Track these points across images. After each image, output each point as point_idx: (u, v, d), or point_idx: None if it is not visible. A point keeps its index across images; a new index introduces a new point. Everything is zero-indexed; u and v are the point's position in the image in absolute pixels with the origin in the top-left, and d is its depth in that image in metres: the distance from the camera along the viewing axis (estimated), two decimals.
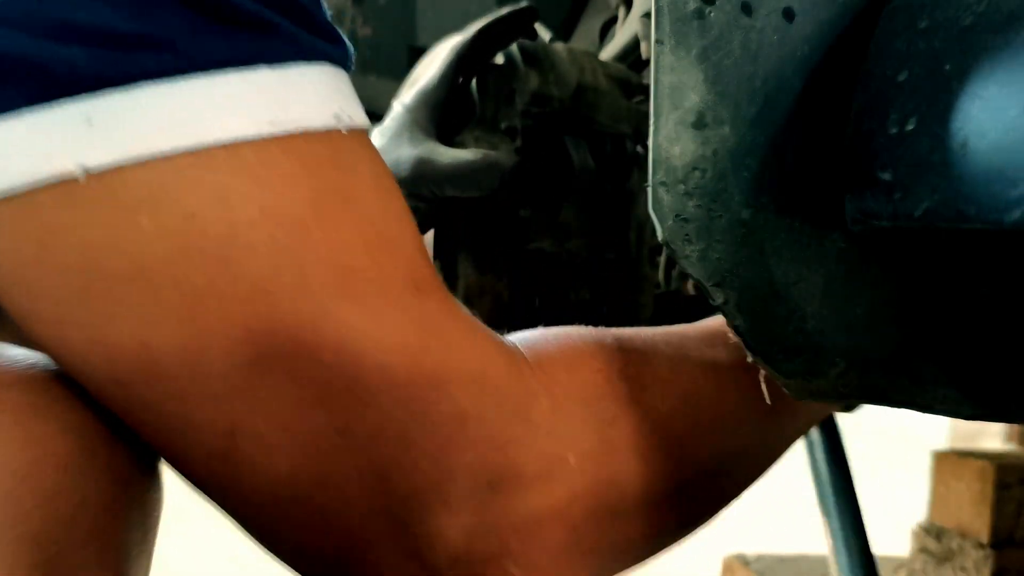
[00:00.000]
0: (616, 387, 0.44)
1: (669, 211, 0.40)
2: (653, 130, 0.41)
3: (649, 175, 0.42)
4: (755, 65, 0.40)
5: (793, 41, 0.40)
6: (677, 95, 0.40)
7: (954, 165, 0.33)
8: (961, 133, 0.33)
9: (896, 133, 0.36)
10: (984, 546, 1.10)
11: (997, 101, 0.32)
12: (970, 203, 0.32)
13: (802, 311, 0.41)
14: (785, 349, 0.42)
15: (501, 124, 0.77)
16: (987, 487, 1.11)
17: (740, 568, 1.33)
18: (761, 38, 0.40)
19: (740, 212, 0.40)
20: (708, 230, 0.40)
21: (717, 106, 0.40)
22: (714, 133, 0.40)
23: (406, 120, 0.75)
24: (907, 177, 0.36)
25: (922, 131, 0.35)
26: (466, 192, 0.71)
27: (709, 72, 0.40)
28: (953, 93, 0.34)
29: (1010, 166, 0.31)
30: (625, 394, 0.44)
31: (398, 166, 0.71)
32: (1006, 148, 0.31)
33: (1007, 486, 1.10)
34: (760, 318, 0.41)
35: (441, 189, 0.71)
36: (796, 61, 0.41)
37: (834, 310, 0.42)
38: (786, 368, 0.42)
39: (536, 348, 0.44)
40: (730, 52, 0.40)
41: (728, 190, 0.40)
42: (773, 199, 0.41)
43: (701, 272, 0.40)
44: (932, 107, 0.35)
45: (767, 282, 0.41)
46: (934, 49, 0.35)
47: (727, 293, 0.40)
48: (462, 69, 0.77)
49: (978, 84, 0.33)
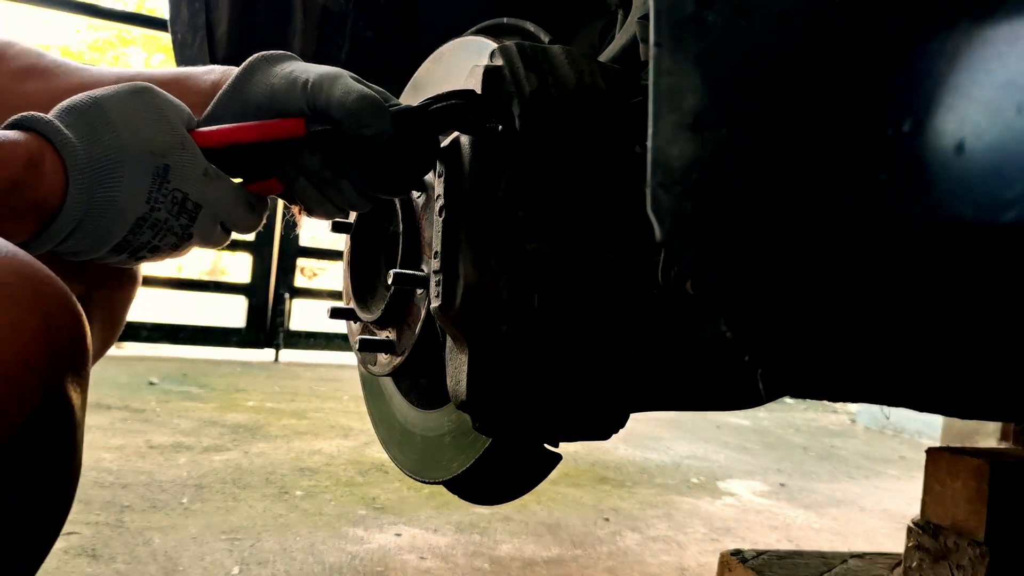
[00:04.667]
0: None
1: (667, 212, 0.40)
2: (651, 132, 0.42)
3: (648, 176, 0.42)
4: (753, 68, 0.40)
5: (790, 44, 0.41)
6: (675, 97, 0.40)
7: (951, 166, 0.33)
8: (958, 134, 0.33)
9: (893, 134, 0.37)
10: (980, 544, 1.10)
11: (993, 103, 0.32)
12: (967, 203, 0.32)
13: (802, 311, 0.42)
14: (784, 349, 0.42)
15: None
16: (983, 485, 1.12)
17: (737, 565, 1.34)
18: (758, 41, 0.40)
19: (739, 212, 0.41)
20: (707, 231, 0.40)
21: (715, 108, 0.40)
22: (712, 135, 0.40)
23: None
24: (904, 177, 0.36)
25: (919, 132, 0.35)
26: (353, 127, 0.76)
27: (707, 74, 0.40)
28: (950, 95, 0.34)
29: (1007, 166, 0.31)
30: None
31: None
32: (1003, 149, 0.31)
33: (1003, 484, 1.11)
34: (760, 318, 0.41)
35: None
36: (793, 64, 0.41)
37: (834, 310, 0.42)
38: (781, 368, 0.43)
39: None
40: (728, 55, 0.40)
41: (726, 191, 0.40)
42: (772, 200, 0.41)
43: (700, 272, 0.41)
44: (929, 109, 0.35)
45: (767, 282, 0.41)
46: (931, 51, 0.36)
47: (726, 293, 0.41)
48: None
49: (975, 86, 0.33)
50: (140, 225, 0.71)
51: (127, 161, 0.70)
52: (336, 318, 1.05)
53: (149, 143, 0.71)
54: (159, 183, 0.71)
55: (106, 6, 5.12)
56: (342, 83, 0.78)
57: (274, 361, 4.88)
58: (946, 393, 0.44)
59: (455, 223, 0.78)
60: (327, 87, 0.77)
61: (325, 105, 0.77)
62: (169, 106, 0.74)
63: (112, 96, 0.71)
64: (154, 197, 0.71)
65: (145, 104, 0.72)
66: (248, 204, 0.78)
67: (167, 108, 0.74)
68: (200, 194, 0.74)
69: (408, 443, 1.06)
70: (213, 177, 0.75)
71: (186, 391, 3.52)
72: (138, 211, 0.71)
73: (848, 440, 4.15)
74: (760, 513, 2.43)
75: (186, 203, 0.73)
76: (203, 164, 0.74)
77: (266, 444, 2.64)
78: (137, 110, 0.72)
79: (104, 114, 0.70)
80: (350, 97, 0.76)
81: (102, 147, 0.69)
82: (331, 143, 0.78)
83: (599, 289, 0.79)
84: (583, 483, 2.53)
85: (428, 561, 1.72)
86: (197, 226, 0.75)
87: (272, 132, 0.78)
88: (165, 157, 0.72)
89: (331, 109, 0.77)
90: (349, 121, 0.76)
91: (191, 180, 0.73)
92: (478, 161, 0.77)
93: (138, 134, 0.71)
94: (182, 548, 1.65)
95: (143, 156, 0.71)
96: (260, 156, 0.79)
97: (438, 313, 0.78)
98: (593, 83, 0.81)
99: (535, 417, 0.80)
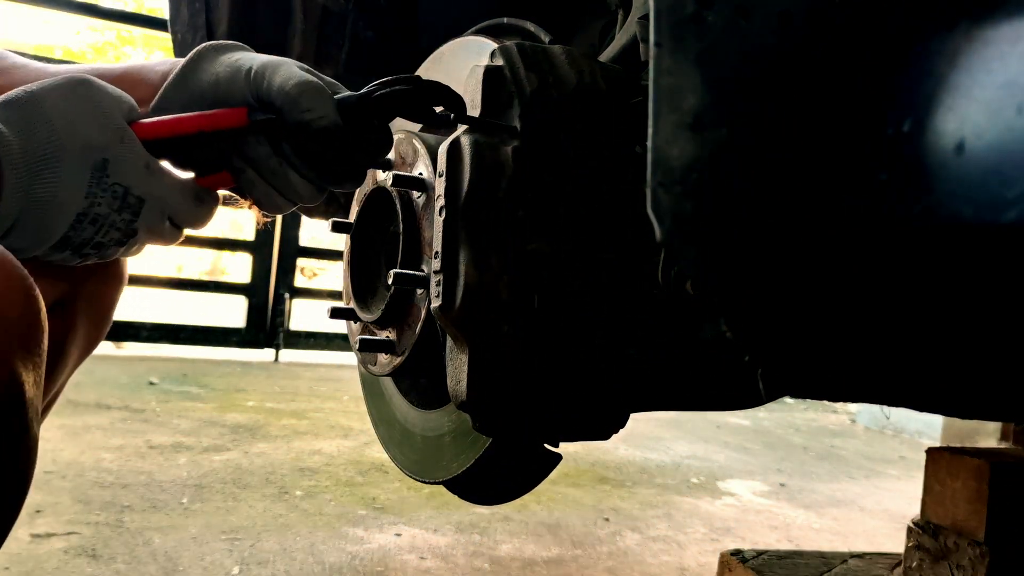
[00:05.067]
0: None
1: (667, 212, 0.40)
2: (652, 132, 0.42)
3: (648, 176, 0.42)
4: (753, 68, 0.40)
5: (790, 44, 0.41)
6: (675, 97, 0.40)
7: (951, 166, 0.33)
8: (958, 134, 0.33)
9: (893, 134, 0.37)
10: (980, 544, 1.10)
11: (994, 102, 0.32)
12: (967, 203, 0.32)
13: (803, 311, 0.42)
14: (784, 349, 0.42)
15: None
16: (983, 485, 1.12)
17: (737, 565, 1.34)
18: (758, 41, 0.40)
19: (739, 212, 0.41)
20: (707, 231, 0.40)
21: (715, 108, 0.40)
22: (712, 135, 0.40)
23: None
24: (904, 177, 0.36)
25: (919, 132, 0.35)
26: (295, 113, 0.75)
27: (707, 74, 0.40)
28: (950, 95, 0.34)
29: (1007, 166, 0.31)
30: None
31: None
32: (1003, 149, 0.31)
33: (1003, 484, 1.11)
34: (760, 318, 0.41)
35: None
36: (793, 64, 0.41)
37: (834, 310, 0.42)
38: (781, 368, 0.43)
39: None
40: (728, 55, 0.40)
41: (726, 191, 0.40)
42: (772, 200, 0.41)
43: (700, 272, 0.41)
44: (929, 109, 0.35)
45: (767, 282, 0.41)
46: (931, 51, 0.36)
47: (726, 293, 0.41)
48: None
49: (975, 86, 0.33)
50: (80, 221, 0.70)
51: (63, 155, 0.68)
52: (336, 318, 1.05)
53: (86, 136, 0.69)
54: (98, 177, 0.70)
55: (106, 6, 5.12)
56: (284, 70, 0.76)
57: (274, 361, 4.88)
58: (946, 393, 0.44)
59: (455, 223, 0.78)
60: (269, 74, 0.76)
61: (267, 92, 0.76)
62: (108, 98, 0.72)
63: (48, 89, 0.70)
64: (93, 192, 0.69)
65: (82, 96, 0.70)
66: (195, 197, 0.76)
67: (105, 100, 0.72)
68: (143, 188, 0.72)
69: (408, 443, 1.06)
70: (156, 170, 0.73)
71: (186, 391, 3.52)
72: (77, 206, 0.69)
73: (848, 440, 4.15)
74: (760, 513, 2.43)
75: (128, 197, 0.71)
76: (144, 157, 0.72)
77: (266, 444, 2.64)
78: (73, 103, 0.70)
79: (39, 107, 0.68)
80: (290, 83, 0.75)
81: (36, 141, 0.67)
82: (275, 132, 0.76)
83: (599, 289, 0.79)
84: (583, 483, 2.53)
85: (428, 561, 1.72)
86: (142, 221, 0.73)
87: (214, 122, 0.76)
88: (103, 150, 0.70)
89: (272, 96, 0.75)
90: (290, 107, 0.75)
91: (132, 173, 0.71)
92: (478, 161, 0.77)
93: (75, 127, 0.69)
94: (182, 548, 1.65)
95: (80, 150, 0.69)
96: (207, 148, 0.77)
97: (438, 313, 0.78)
98: (593, 83, 0.81)
99: (535, 417, 0.80)
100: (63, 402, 2.62)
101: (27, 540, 1.61)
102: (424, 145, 0.91)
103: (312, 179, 0.79)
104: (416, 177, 0.91)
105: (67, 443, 2.40)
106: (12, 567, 1.47)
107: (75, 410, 2.86)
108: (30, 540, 1.61)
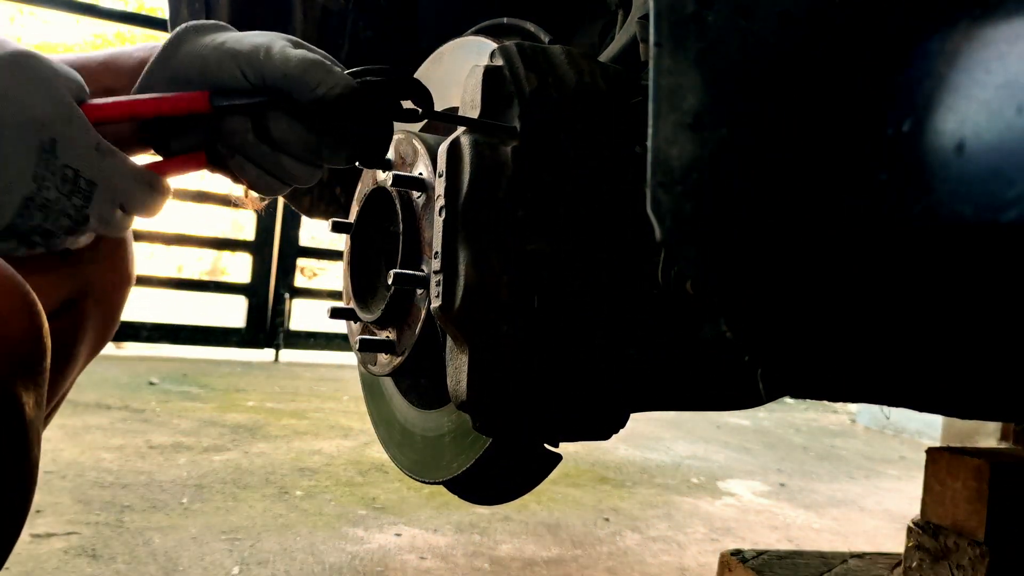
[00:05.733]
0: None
1: (667, 212, 0.40)
2: (652, 131, 0.42)
3: (648, 176, 0.42)
4: (753, 68, 0.40)
5: (790, 44, 0.41)
6: (675, 97, 0.40)
7: (951, 165, 0.33)
8: (958, 134, 0.33)
9: (893, 134, 0.37)
10: (980, 544, 1.10)
11: (993, 102, 0.32)
12: (967, 203, 0.32)
13: (803, 311, 0.42)
14: (784, 349, 0.42)
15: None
16: (983, 485, 1.12)
17: (737, 565, 1.34)
18: (759, 41, 0.40)
19: (739, 213, 0.41)
20: (707, 231, 0.40)
21: (715, 108, 0.40)
22: (712, 135, 0.40)
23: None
24: (904, 177, 0.36)
25: (919, 132, 0.35)
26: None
27: (707, 74, 0.40)
28: (950, 95, 0.34)
29: (1007, 166, 0.31)
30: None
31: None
32: (1003, 149, 0.31)
33: (1003, 484, 1.11)
34: (760, 318, 0.41)
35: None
36: (793, 64, 0.41)
37: (834, 310, 0.42)
38: (781, 368, 0.43)
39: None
40: (728, 55, 0.40)
41: (726, 191, 0.40)
42: (772, 200, 0.41)
43: (700, 272, 0.41)
44: (929, 109, 0.35)
45: (767, 282, 0.41)
46: (931, 51, 0.36)
47: (726, 293, 0.41)
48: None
49: (975, 86, 0.33)
50: (28, 206, 0.66)
51: (5, 133, 0.64)
52: (336, 318, 1.05)
53: (31, 112, 0.65)
54: (46, 158, 0.66)
55: (106, 6, 5.12)
56: (279, 52, 0.74)
57: (274, 361, 4.88)
58: (946, 393, 0.44)
59: (455, 223, 0.78)
60: (264, 58, 0.74)
61: (271, 76, 0.74)
62: (55, 75, 0.67)
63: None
64: (41, 174, 0.66)
65: (26, 73, 0.66)
66: (147, 183, 0.73)
67: (52, 77, 0.67)
68: (94, 170, 0.69)
69: (408, 443, 1.06)
70: (107, 152, 0.69)
71: (186, 391, 3.52)
72: (24, 189, 0.65)
73: (848, 440, 4.15)
74: (760, 513, 2.43)
75: (79, 180, 0.68)
76: (95, 138, 0.69)
77: (266, 444, 2.64)
78: (17, 79, 0.66)
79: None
80: (291, 64, 0.73)
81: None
82: (258, 114, 0.75)
83: (599, 289, 0.79)
84: (583, 483, 2.53)
85: (428, 561, 1.72)
86: (93, 207, 0.70)
87: (173, 106, 0.73)
88: (50, 129, 0.66)
89: (276, 81, 0.74)
90: (299, 88, 0.73)
91: (82, 155, 0.68)
92: (478, 161, 0.77)
93: (18, 104, 0.65)
94: (182, 548, 1.65)
95: (24, 128, 0.65)
96: (179, 132, 0.75)
97: (438, 313, 0.78)
98: (593, 83, 0.81)
99: (535, 417, 0.80)
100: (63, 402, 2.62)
101: (27, 540, 1.61)
102: (424, 145, 0.91)
103: (307, 158, 0.78)
104: (416, 177, 0.91)
105: (67, 443, 2.40)
106: (12, 567, 1.47)
107: (75, 410, 2.86)
108: (30, 540, 1.61)
